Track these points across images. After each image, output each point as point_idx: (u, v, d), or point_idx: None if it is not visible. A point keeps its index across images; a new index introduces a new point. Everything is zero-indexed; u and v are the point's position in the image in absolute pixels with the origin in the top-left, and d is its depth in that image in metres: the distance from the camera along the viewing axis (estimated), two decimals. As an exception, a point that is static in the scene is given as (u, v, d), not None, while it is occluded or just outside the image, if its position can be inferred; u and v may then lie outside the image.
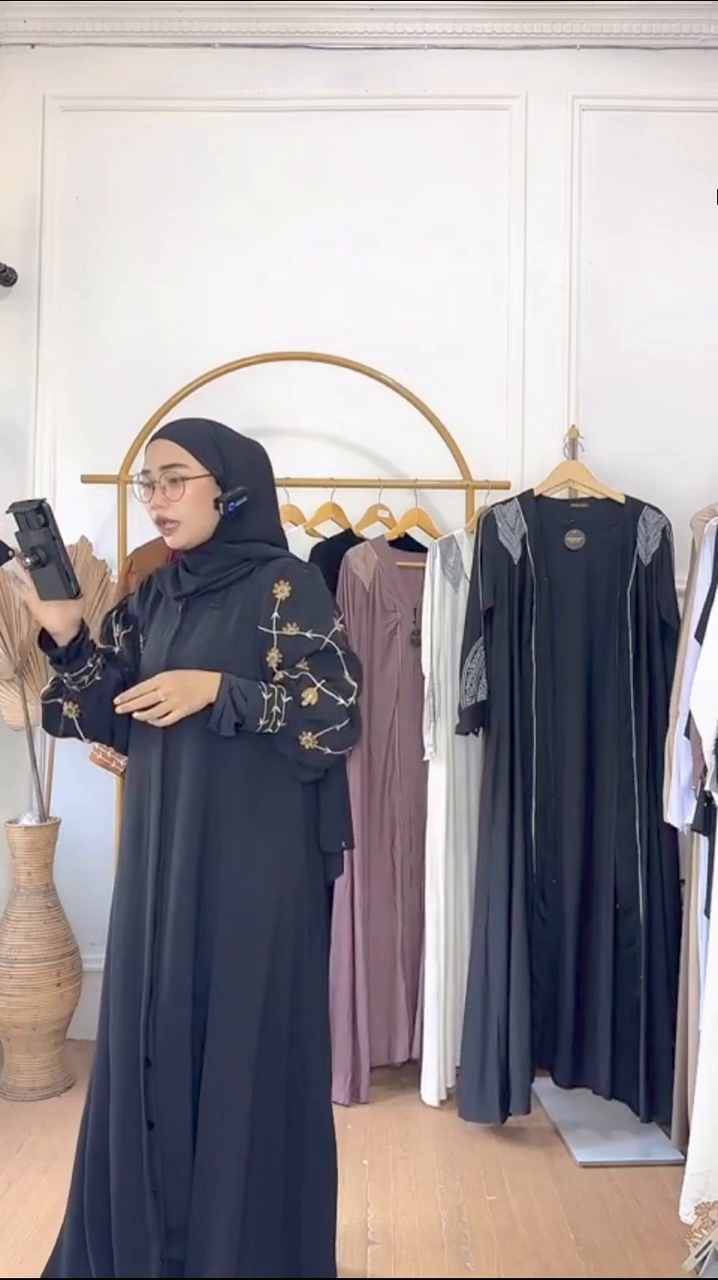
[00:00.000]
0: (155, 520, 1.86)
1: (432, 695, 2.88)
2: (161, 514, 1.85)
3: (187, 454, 1.85)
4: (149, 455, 1.87)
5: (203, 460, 1.85)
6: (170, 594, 1.92)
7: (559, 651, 2.84)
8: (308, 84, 3.32)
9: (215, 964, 1.81)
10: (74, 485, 3.18)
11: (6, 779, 3.29)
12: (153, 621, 1.94)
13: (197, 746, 1.82)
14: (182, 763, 1.83)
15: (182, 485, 1.84)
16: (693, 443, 3.27)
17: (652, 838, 2.74)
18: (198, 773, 1.82)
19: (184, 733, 1.82)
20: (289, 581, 1.85)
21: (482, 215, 3.33)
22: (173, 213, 3.34)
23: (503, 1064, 2.70)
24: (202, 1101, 1.81)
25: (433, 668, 2.89)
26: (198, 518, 1.85)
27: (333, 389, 3.23)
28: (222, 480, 1.87)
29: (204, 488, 1.85)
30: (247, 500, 1.87)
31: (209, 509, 1.86)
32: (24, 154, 3.35)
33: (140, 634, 1.97)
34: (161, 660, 1.85)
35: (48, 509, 2.62)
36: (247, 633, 1.84)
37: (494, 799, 2.78)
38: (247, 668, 1.83)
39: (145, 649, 1.92)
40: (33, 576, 1.92)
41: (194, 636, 1.85)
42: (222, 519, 1.87)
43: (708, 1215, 2.24)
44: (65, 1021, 3.00)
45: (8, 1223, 2.35)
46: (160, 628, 1.91)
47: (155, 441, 1.88)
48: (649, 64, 3.31)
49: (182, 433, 1.88)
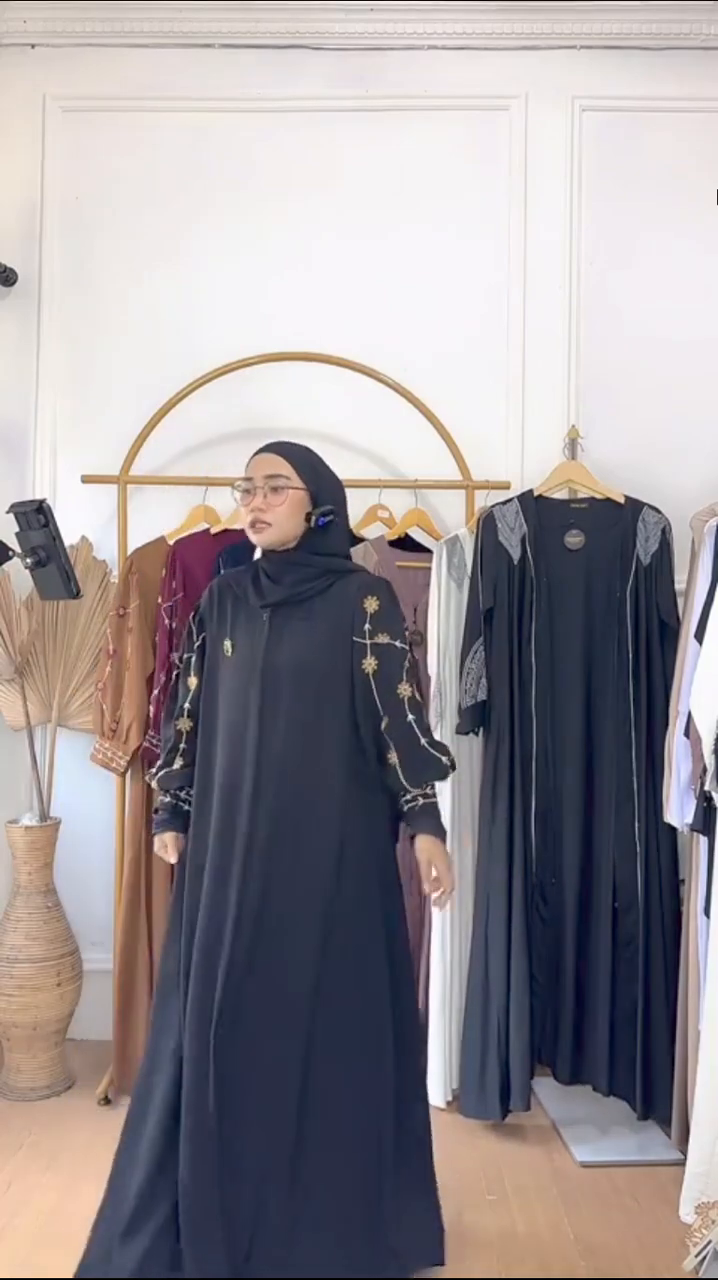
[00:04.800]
0: (250, 521, 2.08)
1: (438, 696, 2.87)
2: (260, 515, 2.07)
3: (290, 468, 2.10)
4: (253, 465, 2.11)
5: (303, 476, 2.11)
6: (255, 602, 2.10)
7: (559, 651, 2.84)
8: (308, 84, 3.32)
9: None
10: (74, 485, 3.18)
11: (6, 779, 3.29)
12: (234, 626, 2.12)
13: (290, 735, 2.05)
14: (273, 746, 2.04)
15: (283, 493, 2.08)
16: (693, 443, 3.27)
17: (651, 837, 2.74)
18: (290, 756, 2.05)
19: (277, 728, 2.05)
20: (377, 597, 2.10)
21: (482, 215, 3.33)
22: (172, 213, 3.35)
23: (503, 1061, 2.70)
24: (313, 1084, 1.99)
25: (439, 668, 2.88)
26: (289, 523, 2.09)
27: (333, 389, 3.22)
28: (314, 497, 2.12)
29: (299, 500, 2.10)
30: (332, 519, 2.13)
31: (299, 519, 2.10)
32: (24, 154, 3.35)
33: (210, 641, 2.16)
34: (258, 664, 2.05)
35: (48, 509, 2.62)
36: (340, 641, 2.07)
37: (494, 799, 2.78)
38: (338, 672, 2.06)
39: (233, 654, 2.10)
40: (33, 576, 1.93)
41: (287, 643, 2.06)
42: (308, 531, 2.11)
43: (708, 1215, 2.25)
44: (65, 1021, 3.00)
45: (8, 1223, 2.35)
46: (248, 634, 2.09)
47: (262, 455, 2.13)
48: (649, 64, 3.31)
49: (287, 450, 2.14)
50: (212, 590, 2.21)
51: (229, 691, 2.09)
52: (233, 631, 2.11)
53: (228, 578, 2.22)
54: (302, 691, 2.04)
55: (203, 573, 2.94)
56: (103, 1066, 3.02)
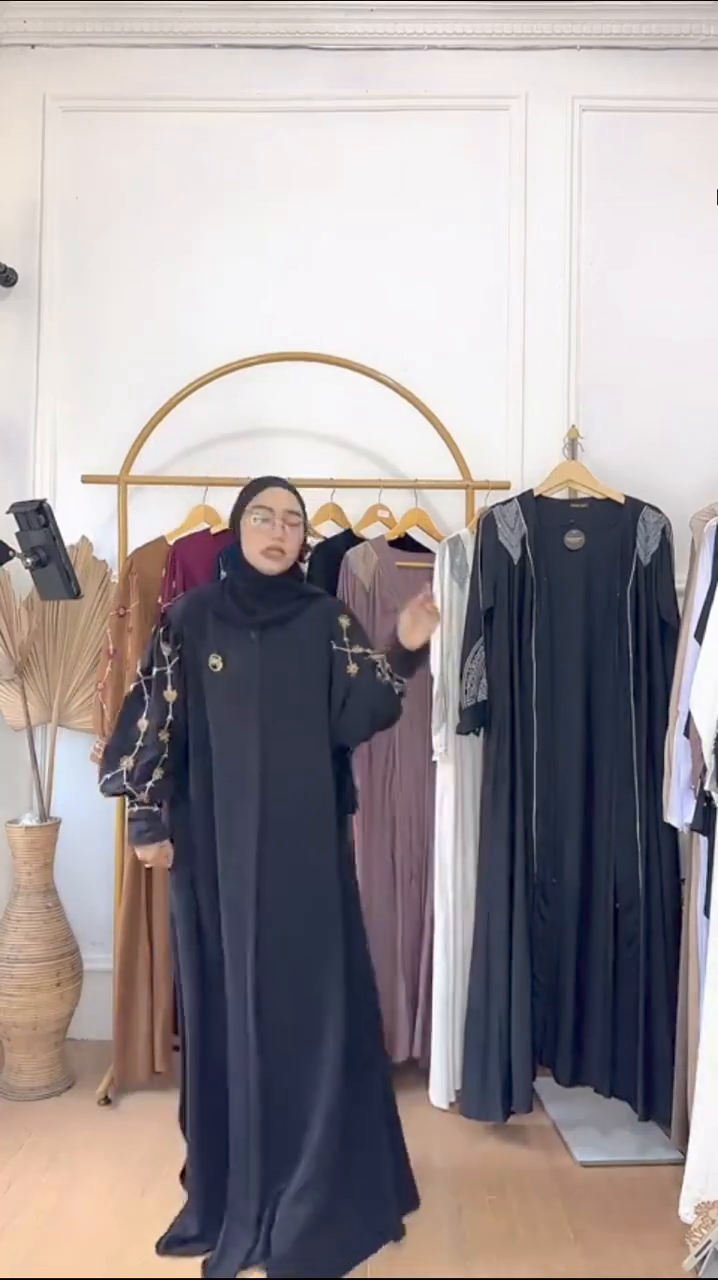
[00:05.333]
0: (268, 548, 2.29)
1: (441, 696, 2.87)
2: (280, 545, 2.30)
3: (300, 508, 2.36)
4: (270, 497, 2.32)
5: (305, 517, 2.40)
6: (242, 620, 2.30)
7: (559, 651, 2.84)
8: (308, 84, 3.32)
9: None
10: (74, 485, 3.18)
11: (6, 779, 3.29)
12: (221, 642, 2.30)
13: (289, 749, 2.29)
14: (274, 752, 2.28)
15: (298, 529, 2.34)
16: (693, 442, 3.28)
17: (652, 837, 2.74)
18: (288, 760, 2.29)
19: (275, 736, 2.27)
20: (348, 616, 2.38)
21: (482, 216, 3.33)
22: (172, 213, 3.35)
23: (505, 1062, 2.70)
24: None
25: (442, 669, 2.88)
26: (293, 555, 2.35)
27: (333, 389, 3.23)
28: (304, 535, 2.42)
29: (301, 536, 2.37)
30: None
31: (297, 552, 2.39)
32: (24, 154, 3.35)
33: (190, 655, 2.31)
34: (255, 672, 2.27)
35: (48, 509, 2.62)
36: (321, 651, 2.32)
37: (495, 799, 2.78)
38: (322, 681, 2.31)
39: (223, 669, 2.28)
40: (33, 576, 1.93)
41: (279, 653, 2.29)
42: (295, 562, 2.37)
43: (708, 1215, 2.25)
44: (65, 1021, 3.00)
45: (8, 1223, 2.35)
46: (239, 647, 2.29)
47: (278, 489, 2.34)
48: (649, 64, 3.31)
49: (295, 490, 2.38)
50: (185, 606, 2.35)
51: (223, 705, 2.28)
52: (221, 647, 2.29)
53: (200, 594, 2.40)
54: (295, 702, 2.29)
55: (203, 572, 2.94)
56: (103, 1066, 3.02)
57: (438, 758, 2.89)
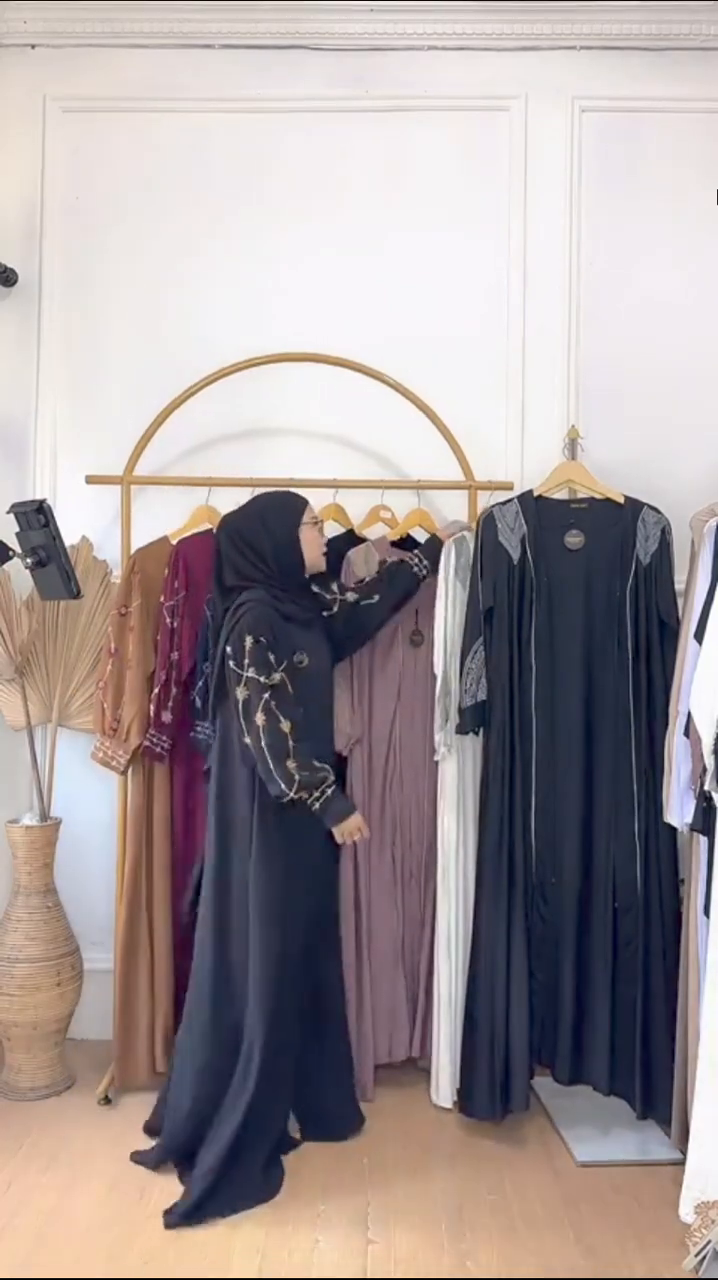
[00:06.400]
0: (324, 551, 2.76)
1: (444, 696, 2.87)
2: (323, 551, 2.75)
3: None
4: (312, 510, 2.73)
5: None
6: (303, 618, 2.66)
7: (559, 651, 2.84)
8: (308, 85, 3.33)
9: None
10: (75, 486, 3.18)
11: (6, 779, 3.29)
12: (298, 641, 2.61)
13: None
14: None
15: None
16: (692, 443, 3.28)
17: (651, 837, 2.74)
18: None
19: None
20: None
21: (482, 216, 3.33)
22: (173, 213, 3.35)
23: (503, 1061, 2.70)
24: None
25: (445, 668, 2.88)
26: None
27: (335, 390, 3.23)
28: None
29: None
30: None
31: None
32: (24, 154, 3.35)
33: (281, 654, 2.57)
34: (326, 669, 2.75)
35: (48, 509, 2.62)
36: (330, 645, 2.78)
37: (494, 798, 2.78)
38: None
39: (308, 664, 2.62)
40: (33, 576, 1.94)
41: (324, 648, 2.73)
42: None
43: (708, 1215, 2.25)
44: (65, 1021, 3.00)
45: (8, 1223, 2.35)
46: (309, 646, 2.64)
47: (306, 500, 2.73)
48: (649, 64, 3.31)
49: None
50: (271, 613, 2.56)
51: (310, 693, 2.61)
52: (303, 646, 2.61)
53: (268, 599, 2.59)
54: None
55: (205, 572, 2.93)
56: (103, 1066, 3.02)
57: (440, 757, 2.89)
